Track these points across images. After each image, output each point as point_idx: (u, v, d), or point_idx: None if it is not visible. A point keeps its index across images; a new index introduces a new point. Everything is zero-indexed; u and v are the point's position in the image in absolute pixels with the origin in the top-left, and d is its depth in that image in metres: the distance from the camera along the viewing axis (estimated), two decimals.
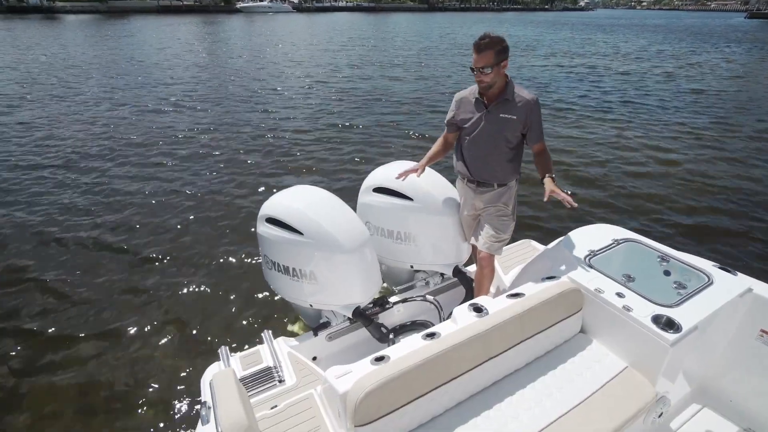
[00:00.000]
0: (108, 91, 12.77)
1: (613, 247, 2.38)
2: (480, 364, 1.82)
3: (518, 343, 1.92)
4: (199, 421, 1.79)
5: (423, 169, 2.64)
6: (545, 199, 2.41)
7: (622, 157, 7.72)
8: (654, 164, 7.36)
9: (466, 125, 2.52)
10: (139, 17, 54.69)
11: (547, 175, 2.47)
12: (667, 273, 2.22)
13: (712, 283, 2.08)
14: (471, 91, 2.52)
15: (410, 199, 2.75)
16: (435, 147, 2.71)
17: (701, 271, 2.16)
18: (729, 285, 2.08)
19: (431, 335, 1.86)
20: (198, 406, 2.86)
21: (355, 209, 2.75)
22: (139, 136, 8.72)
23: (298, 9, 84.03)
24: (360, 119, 10.10)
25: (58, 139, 8.44)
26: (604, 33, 36.88)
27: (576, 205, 2.19)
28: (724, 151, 8.05)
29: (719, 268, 2.19)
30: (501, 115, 2.40)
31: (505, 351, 1.89)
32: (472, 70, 2.32)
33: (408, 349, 1.77)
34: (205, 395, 2.02)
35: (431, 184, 2.81)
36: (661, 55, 22.36)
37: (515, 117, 2.38)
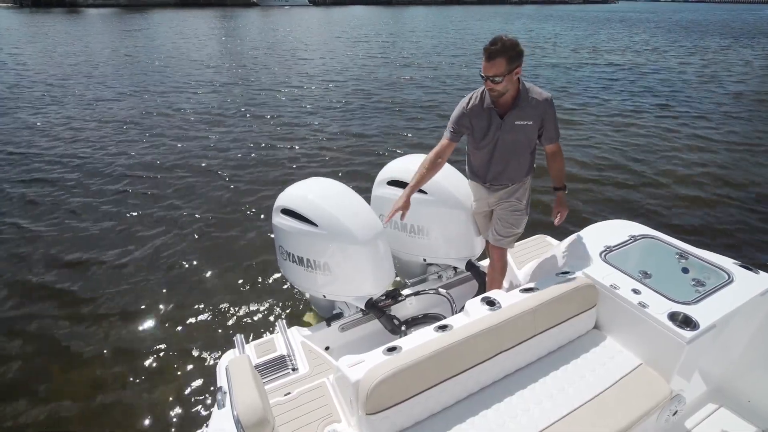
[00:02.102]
0: (126, 84, 13.00)
1: (630, 243, 2.34)
2: (491, 357, 1.82)
3: (530, 338, 1.91)
4: (215, 405, 1.84)
5: (408, 203, 2.32)
6: (556, 222, 2.45)
7: (646, 157, 7.53)
8: (679, 164, 7.15)
9: (479, 136, 2.38)
10: (158, 11, 55.41)
11: (558, 188, 2.45)
12: (685, 270, 2.17)
13: (732, 281, 2.03)
14: (481, 97, 2.33)
15: (424, 192, 2.75)
16: (425, 165, 2.35)
17: (721, 269, 2.11)
18: (750, 283, 2.02)
19: (443, 327, 1.86)
20: (214, 392, 2.92)
21: (369, 202, 2.77)
22: (153, 128, 8.86)
23: (314, 2, 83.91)
24: (375, 113, 10.09)
25: (78, 132, 8.64)
26: (627, 28, 35.93)
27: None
28: (758, 153, 7.74)
29: (740, 266, 2.14)
30: (517, 123, 2.29)
31: (517, 345, 1.88)
32: (482, 77, 2.15)
33: (420, 341, 1.78)
34: (221, 381, 2.06)
35: (445, 178, 2.80)
36: (690, 51, 21.63)
37: (531, 122, 2.29)
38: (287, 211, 2.57)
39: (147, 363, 3.31)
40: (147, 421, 2.87)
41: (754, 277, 2.07)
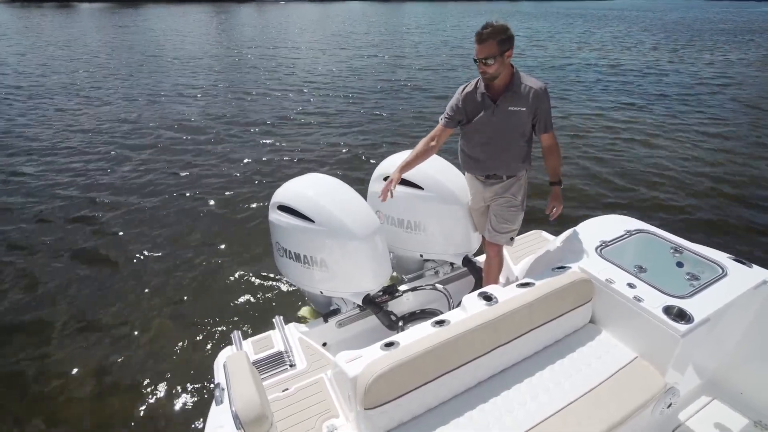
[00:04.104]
0: (117, 83, 12.90)
1: (625, 238, 2.35)
2: (488, 352, 1.83)
3: (527, 332, 1.93)
4: (213, 402, 1.84)
5: (398, 180, 2.41)
6: (551, 217, 2.45)
7: (640, 153, 7.58)
8: (674, 160, 7.19)
9: (473, 122, 2.41)
10: (151, 6, 54.89)
11: (554, 182, 2.46)
12: (680, 264, 2.19)
13: (726, 274, 2.05)
14: (476, 84, 2.40)
15: (421, 188, 2.75)
16: (419, 148, 2.45)
17: (715, 263, 2.13)
18: (744, 277, 2.04)
19: (440, 322, 1.87)
20: (212, 388, 2.92)
21: (365, 198, 2.76)
22: (149, 126, 8.81)
23: None
24: (371, 110, 10.07)
25: (70, 130, 8.58)
26: (625, 26, 35.88)
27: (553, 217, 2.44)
28: (753, 150, 7.76)
29: (734, 260, 2.16)
30: (510, 109, 2.31)
31: (514, 339, 1.89)
32: (475, 61, 2.22)
33: (417, 336, 1.79)
34: (219, 377, 2.06)
35: (442, 173, 2.80)
36: (685, 49, 21.59)
37: (524, 109, 2.30)
38: (284, 208, 2.56)
39: (144, 360, 3.31)
40: (144, 418, 2.87)
41: (747, 271, 2.09)
